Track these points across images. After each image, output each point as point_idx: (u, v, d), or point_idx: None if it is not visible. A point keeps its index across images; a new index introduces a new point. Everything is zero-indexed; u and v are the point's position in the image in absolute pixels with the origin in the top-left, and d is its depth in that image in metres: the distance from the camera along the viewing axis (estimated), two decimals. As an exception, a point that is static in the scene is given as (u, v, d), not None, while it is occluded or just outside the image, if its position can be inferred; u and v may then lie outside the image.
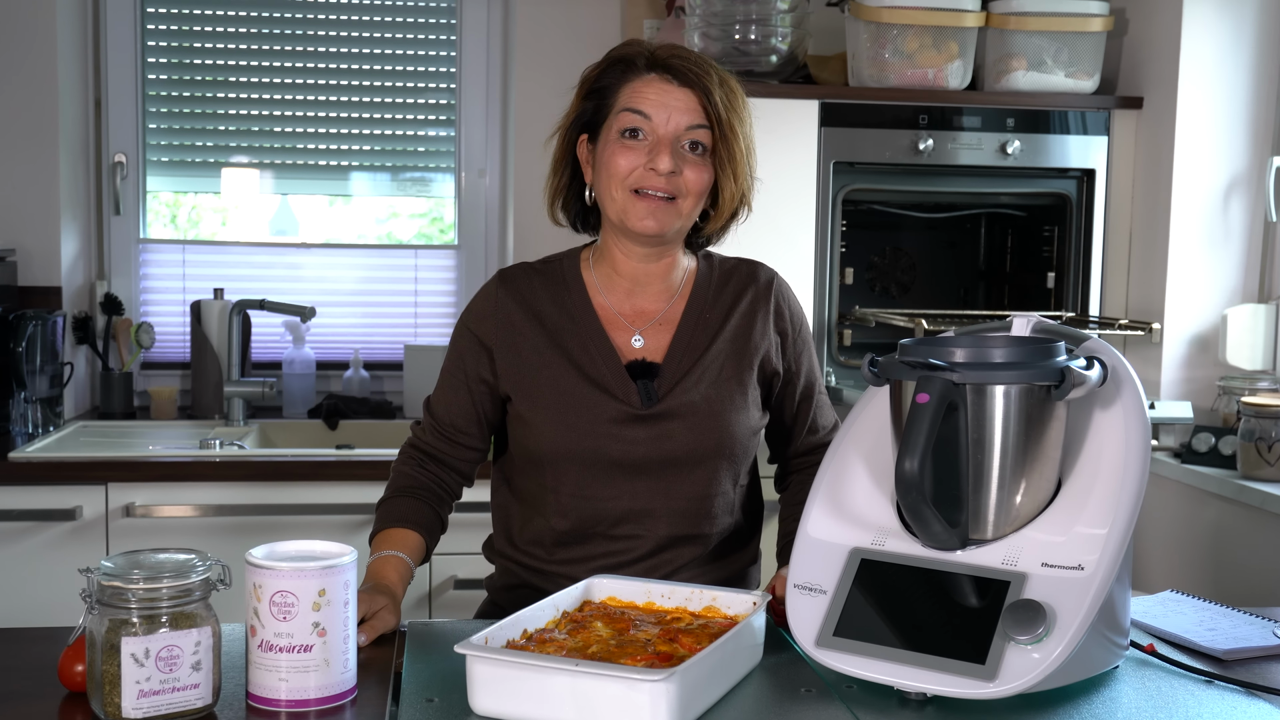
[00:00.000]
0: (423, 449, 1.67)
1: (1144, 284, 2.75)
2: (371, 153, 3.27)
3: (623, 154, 1.58)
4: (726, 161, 1.58)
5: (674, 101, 1.57)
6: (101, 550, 2.49)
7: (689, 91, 1.57)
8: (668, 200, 1.57)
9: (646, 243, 1.62)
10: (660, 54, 1.59)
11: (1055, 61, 2.72)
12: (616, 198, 1.59)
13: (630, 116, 1.58)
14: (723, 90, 1.58)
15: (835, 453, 1.41)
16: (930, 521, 1.25)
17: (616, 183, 1.58)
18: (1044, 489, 1.29)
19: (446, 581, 2.58)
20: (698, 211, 1.62)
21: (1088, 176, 2.77)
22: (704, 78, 1.57)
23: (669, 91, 1.58)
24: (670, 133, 1.57)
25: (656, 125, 1.57)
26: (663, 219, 1.58)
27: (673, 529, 1.60)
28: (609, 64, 1.62)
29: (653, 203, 1.57)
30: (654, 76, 1.59)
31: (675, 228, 1.60)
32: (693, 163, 1.58)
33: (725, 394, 1.61)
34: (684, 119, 1.57)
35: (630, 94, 1.59)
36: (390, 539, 1.57)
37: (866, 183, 2.73)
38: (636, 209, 1.58)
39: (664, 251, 1.65)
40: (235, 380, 2.95)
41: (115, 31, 3.13)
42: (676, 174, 1.56)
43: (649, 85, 1.59)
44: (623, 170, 1.57)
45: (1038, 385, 1.25)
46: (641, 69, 1.60)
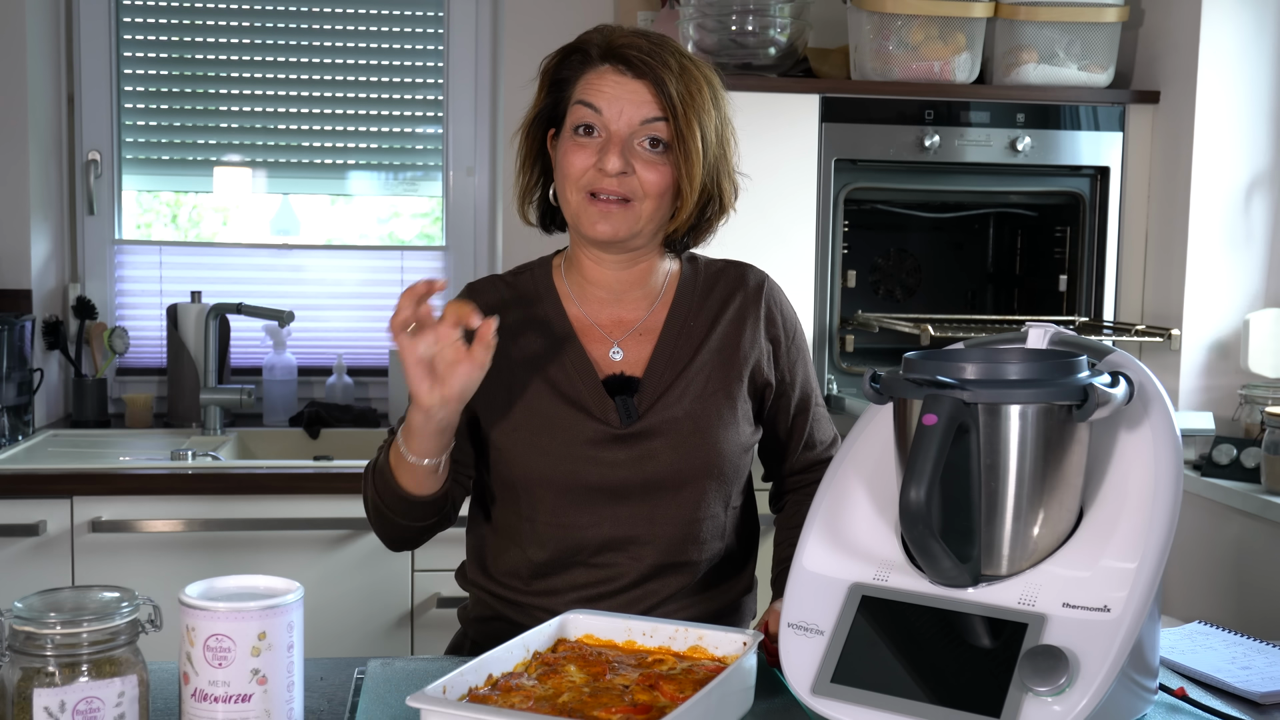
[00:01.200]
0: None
1: (1161, 287, 2.62)
2: (359, 150, 3.15)
3: (575, 153, 1.46)
4: (683, 159, 1.44)
5: (627, 94, 1.44)
6: (67, 568, 2.37)
7: (643, 83, 1.44)
8: (621, 203, 1.45)
9: (609, 249, 1.50)
10: (615, 41, 1.46)
11: (1068, 54, 2.59)
12: (571, 200, 1.47)
13: (582, 111, 1.46)
14: (682, 80, 1.44)
15: (834, 477, 1.29)
16: (939, 556, 1.13)
17: (570, 184, 1.46)
18: (1064, 519, 1.16)
19: (429, 600, 2.46)
20: (662, 214, 1.48)
21: (1102, 175, 2.65)
22: (658, 67, 1.44)
23: (622, 83, 1.45)
24: (623, 129, 1.44)
25: (608, 120, 1.44)
26: (617, 224, 1.45)
27: (659, 557, 1.48)
28: (566, 54, 1.50)
29: (605, 206, 1.45)
30: (607, 68, 1.46)
31: (633, 232, 1.47)
32: (648, 161, 1.44)
33: (712, 409, 1.49)
34: (638, 112, 1.44)
35: (584, 86, 1.47)
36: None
37: (869, 181, 2.61)
38: (589, 213, 1.46)
39: (637, 257, 1.52)
40: (212, 388, 2.83)
41: (88, 24, 3.01)
42: (629, 174, 1.44)
43: (602, 77, 1.46)
44: (575, 170, 1.45)
45: (1058, 405, 1.12)
46: (595, 59, 1.47)
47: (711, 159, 1.47)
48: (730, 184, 1.52)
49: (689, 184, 1.45)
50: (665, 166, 1.45)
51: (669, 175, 1.45)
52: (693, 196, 1.46)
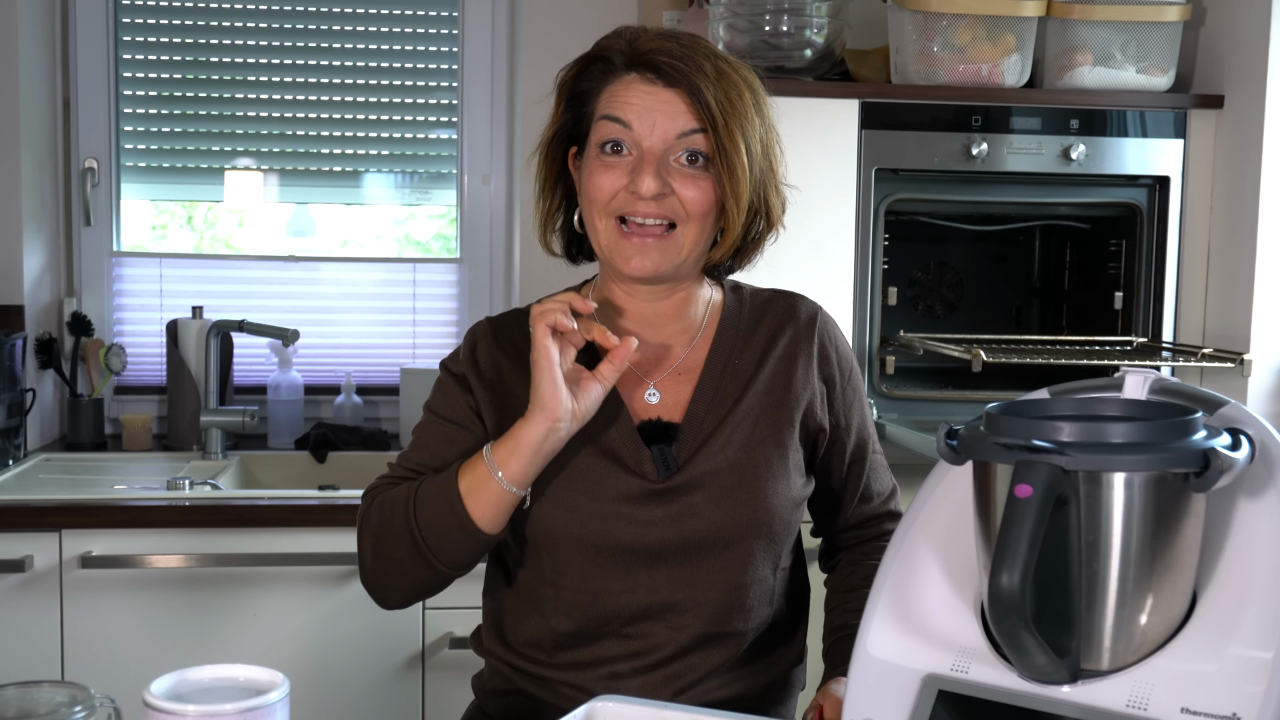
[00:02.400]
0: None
1: (1225, 306, 2.45)
2: (371, 157, 2.99)
3: (602, 173, 1.29)
4: (726, 175, 1.28)
5: (659, 105, 1.28)
6: (55, 606, 2.22)
7: (676, 92, 1.28)
8: (663, 230, 1.28)
9: (645, 283, 1.33)
10: (641, 47, 1.29)
11: (1125, 55, 2.42)
12: (600, 228, 1.31)
13: (609, 126, 1.29)
14: (720, 85, 1.28)
15: (900, 545, 1.12)
16: (1032, 651, 0.96)
17: (598, 209, 1.30)
18: (1177, 604, 1.00)
19: (440, 640, 2.30)
20: (707, 237, 1.32)
21: (1161, 184, 2.47)
22: (693, 73, 1.27)
23: (652, 94, 1.28)
24: (657, 144, 1.28)
25: (640, 136, 1.28)
26: (656, 259, 1.29)
27: (700, 627, 1.31)
28: (585, 63, 1.34)
29: (642, 240, 1.28)
30: (635, 76, 1.30)
31: (675, 265, 1.30)
32: (688, 177, 1.28)
33: (761, 459, 1.32)
34: (673, 125, 1.28)
35: (609, 99, 1.30)
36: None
37: (912, 192, 2.44)
38: (623, 249, 1.29)
39: (674, 287, 1.36)
40: (213, 409, 2.68)
41: (85, 26, 2.86)
42: (667, 194, 1.27)
43: (629, 88, 1.29)
44: (604, 194, 1.29)
45: (1172, 473, 0.96)
46: (620, 68, 1.30)
47: (758, 172, 1.31)
48: (778, 198, 1.35)
49: (735, 202, 1.28)
50: (707, 181, 1.29)
51: (712, 192, 1.29)
52: (740, 216, 1.29)
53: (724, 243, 1.33)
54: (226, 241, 3.03)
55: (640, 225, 1.29)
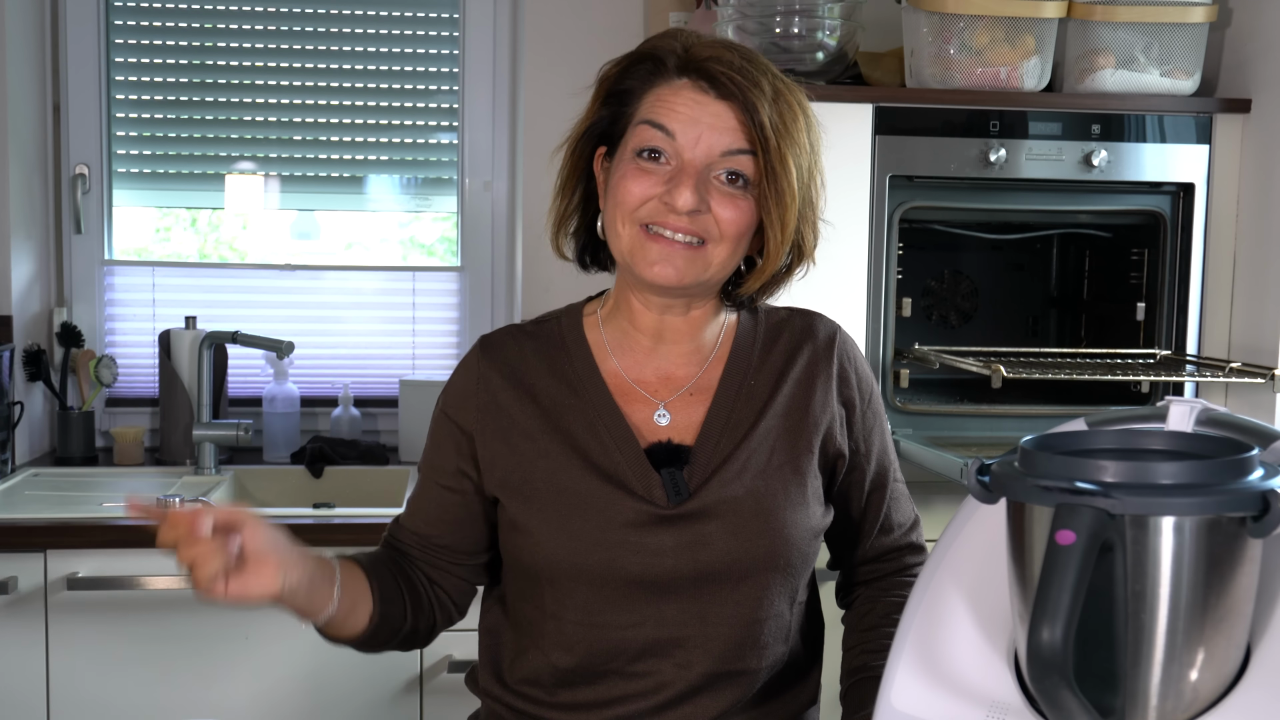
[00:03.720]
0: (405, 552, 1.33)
1: (1252, 317, 2.36)
2: (369, 163, 2.91)
3: (636, 179, 1.21)
4: (773, 202, 1.20)
5: (708, 117, 1.20)
6: (40, 629, 2.14)
7: (728, 105, 1.20)
8: (693, 246, 1.21)
9: (664, 292, 1.25)
10: (697, 53, 1.22)
11: (1148, 58, 2.33)
12: (623, 234, 1.23)
13: (650, 132, 1.21)
14: (775, 106, 1.20)
15: (927, 588, 1.04)
16: (1074, 711, 0.88)
17: (624, 214, 1.22)
18: (1231, 659, 0.92)
19: (440, 663, 2.23)
20: (736, 260, 1.25)
21: (1185, 191, 2.39)
22: (750, 89, 1.19)
23: (703, 104, 1.20)
24: (699, 158, 1.20)
25: (682, 147, 1.20)
26: (682, 268, 1.21)
27: (711, 665, 1.23)
28: (633, 61, 1.26)
29: (670, 246, 1.21)
30: (686, 83, 1.22)
31: (699, 280, 1.23)
32: (728, 198, 1.21)
33: (778, 486, 1.24)
34: (719, 141, 1.20)
35: (654, 103, 1.22)
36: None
37: (927, 200, 2.35)
38: (647, 252, 1.21)
39: (693, 302, 1.28)
40: (206, 423, 2.60)
41: (76, 30, 2.79)
42: (702, 212, 1.20)
43: (678, 94, 1.22)
44: (633, 199, 1.21)
45: (1228, 516, 0.88)
46: (671, 72, 1.23)
47: (801, 202, 1.23)
48: (812, 232, 1.28)
49: (780, 231, 1.21)
50: (746, 202, 1.21)
51: (750, 214, 1.21)
52: (784, 245, 1.22)
53: (761, 272, 1.26)
54: (231, 244, 2.96)
55: (670, 239, 1.21)
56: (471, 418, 1.29)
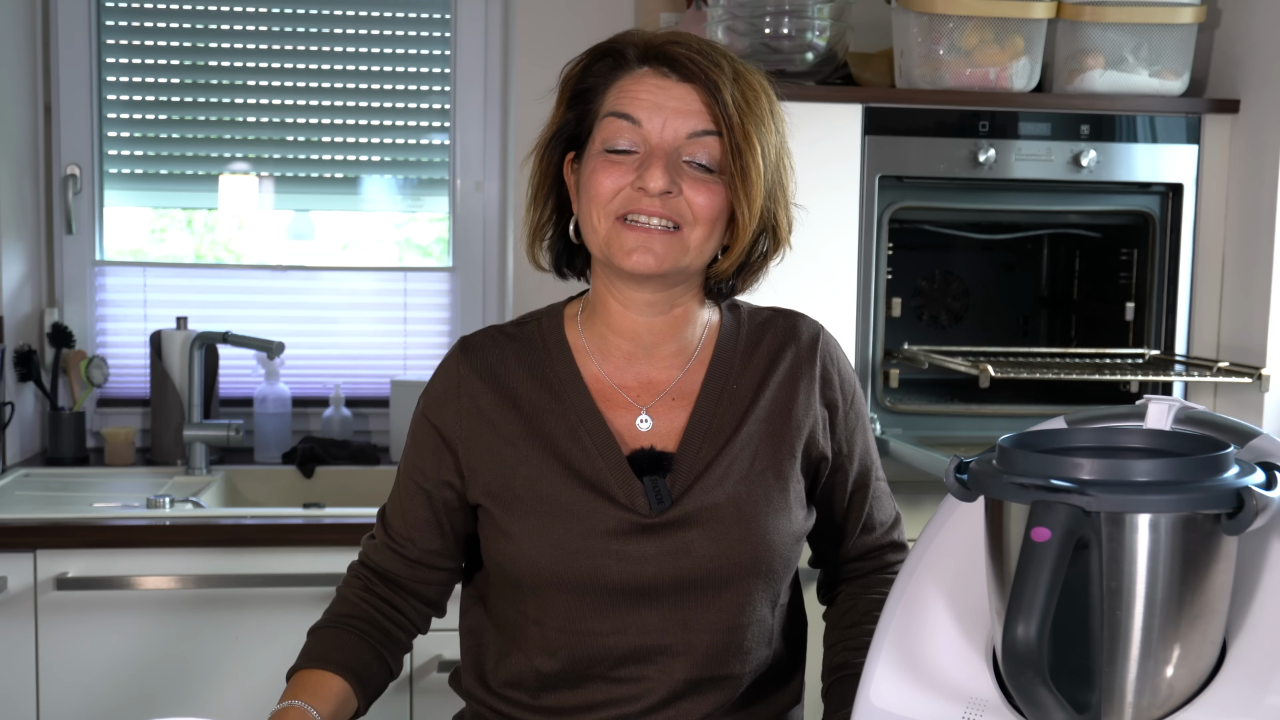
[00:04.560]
0: (372, 568, 1.32)
1: (1241, 318, 2.36)
2: (360, 163, 2.91)
3: (606, 171, 1.21)
4: (739, 180, 1.20)
5: (672, 101, 1.20)
6: (29, 630, 2.14)
7: (692, 87, 1.20)
8: (669, 230, 1.20)
9: (644, 285, 1.24)
10: (655, 41, 1.22)
11: (1137, 59, 2.34)
12: (599, 228, 1.22)
13: (615, 124, 1.21)
14: (737, 86, 1.20)
15: (906, 586, 1.05)
16: (1050, 707, 0.88)
17: (599, 207, 1.21)
18: (1206, 655, 0.92)
19: (429, 663, 2.23)
20: (712, 247, 1.24)
21: (1174, 192, 2.39)
22: (711, 70, 1.19)
23: (666, 88, 1.20)
24: (667, 141, 1.20)
25: (649, 133, 1.20)
26: (660, 254, 1.20)
27: (694, 670, 1.23)
28: (593, 58, 1.26)
29: (647, 233, 1.20)
30: (647, 71, 1.22)
31: (678, 266, 1.22)
32: (699, 182, 1.20)
33: (760, 492, 1.24)
34: (684, 124, 1.20)
35: (618, 94, 1.22)
36: (303, 685, 1.22)
37: (917, 200, 2.36)
38: (624, 241, 1.20)
39: (673, 298, 1.27)
40: (197, 423, 2.60)
41: (67, 30, 2.78)
42: (674, 194, 1.19)
43: (640, 82, 1.22)
44: (606, 191, 1.20)
45: (1203, 514, 0.88)
46: (632, 62, 1.23)
47: (769, 182, 1.23)
48: (785, 215, 1.27)
49: (748, 209, 1.20)
50: (718, 186, 1.21)
51: (722, 197, 1.21)
52: (751, 223, 1.21)
53: (731, 254, 1.24)
54: (226, 245, 2.96)
55: (645, 225, 1.21)
56: (453, 423, 1.28)
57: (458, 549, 1.33)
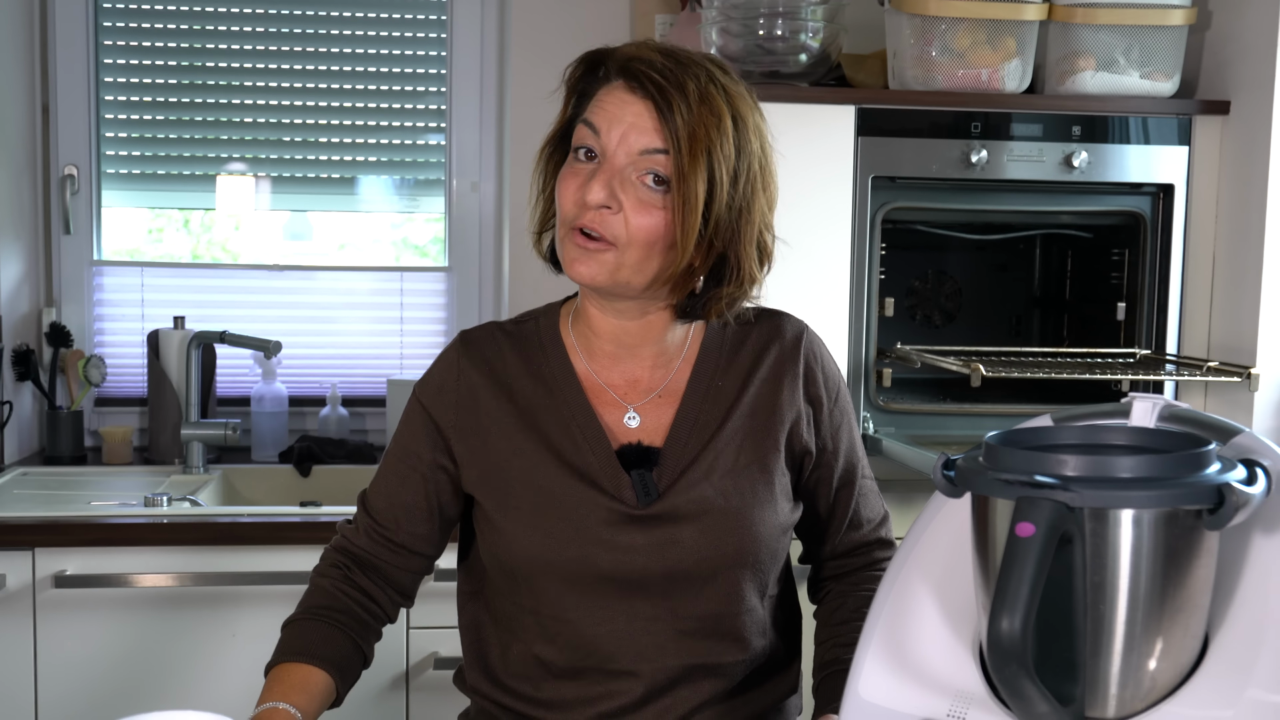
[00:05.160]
0: (352, 553, 1.33)
1: (1231, 318, 2.38)
2: (357, 164, 2.93)
3: (568, 179, 1.23)
4: (679, 201, 1.19)
5: (630, 116, 1.21)
6: (28, 627, 2.15)
7: (648, 105, 1.20)
8: (602, 247, 1.21)
9: (599, 294, 1.27)
10: (627, 53, 1.23)
11: (1128, 60, 2.36)
12: (559, 234, 1.25)
13: (583, 131, 1.24)
14: (699, 108, 1.19)
15: (895, 581, 1.06)
16: (1034, 699, 0.90)
17: (560, 215, 1.24)
18: (1188, 648, 0.94)
19: (426, 660, 2.24)
20: (653, 267, 1.23)
21: (1165, 193, 2.41)
22: (669, 90, 1.19)
23: (627, 103, 1.22)
24: (620, 157, 1.21)
25: (606, 145, 1.22)
26: (594, 267, 1.21)
27: (686, 658, 1.26)
28: (586, 66, 1.28)
29: (585, 244, 1.21)
30: (619, 84, 1.23)
31: (614, 281, 1.23)
32: (641, 201, 1.20)
33: (745, 485, 1.27)
34: (639, 140, 1.21)
35: (593, 104, 1.25)
36: (284, 680, 1.23)
37: (909, 200, 2.37)
38: (569, 249, 1.23)
39: (643, 307, 1.28)
40: (194, 422, 2.62)
41: (65, 31, 2.80)
42: (614, 210, 1.20)
43: (610, 94, 1.23)
44: (566, 201, 1.23)
45: (1184, 510, 0.90)
46: (611, 74, 1.24)
47: (724, 211, 1.21)
48: (753, 249, 1.25)
49: (681, 235, 1.20)
50: (663, 211, 1.20)
51: (666, 221, 1.21)
52: (685, 252, 1.20)
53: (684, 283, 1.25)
54: (224, 245, 2.98)
55: (585, 237, 1.22)
56: (449, 414, 1.30)
57: (441, 537, 1.35)
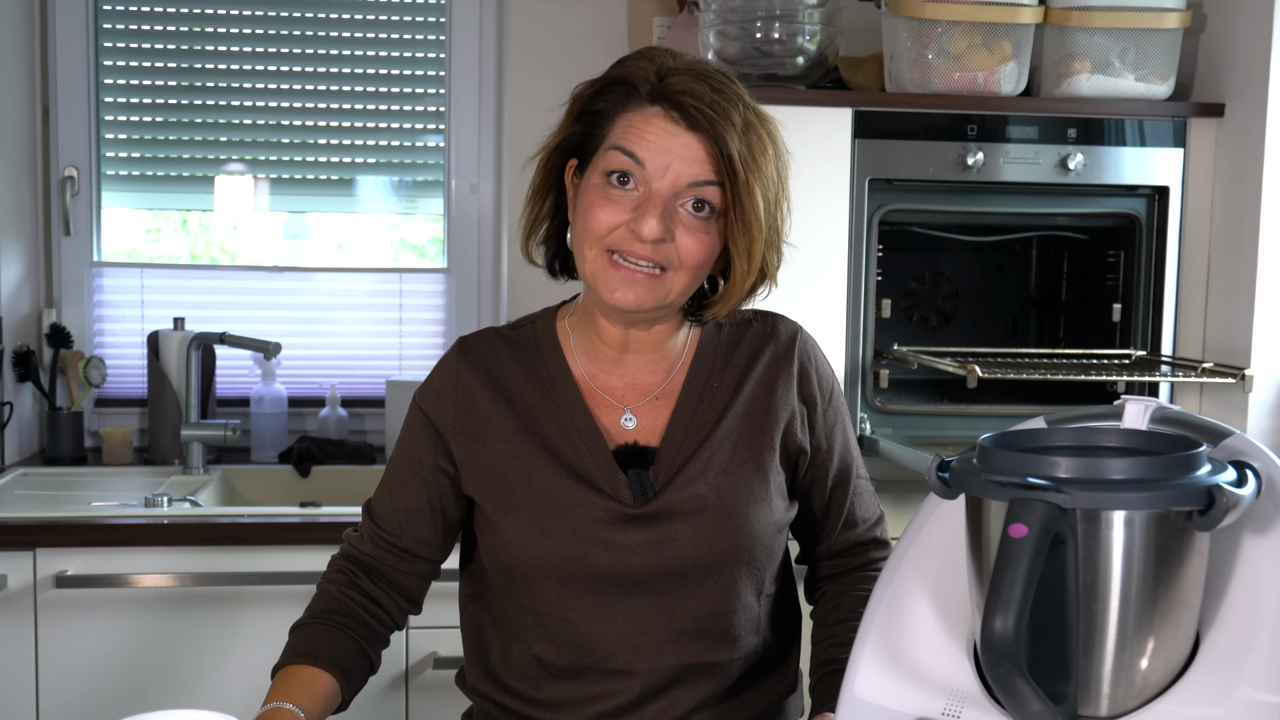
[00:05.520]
0: (358, 560, 1.35)
1: (1225, 319, 2.40)
2: (356, 165, 2.94)
3: (603, 205, 1.23)
4: (739, 232, 1.23)
5: (678, 148, 1.22)
6: (29, 627, 2.16)
7: (698, 137, 1.22)
8: (654, 274, 1.23)
9: (626, 316, 1.29)
10: (672, 85, 1.23)
11: (1123, 63, 2.37)
12: (589, 256, 1.25)
13: (620, 158, 1.23)
14: (745, 139, 1.22)
15: (890, 581, 1.08)
16: (1027, 698, 0.91)
17: (591, 240, 1.24)
18: (1179, 647, 0.95)
19: (425, 660, 2.25)
20: (695, 286, 1.27)
21: (1160, 194, 2.42)
22: (720, 122, 1.21)
23: (673, 134, 1.22)
24: (667, 188, 1.22)
25: (651, 175, 1.22)
26: (642, 294, 1.24)
27: (684, 657, 1.27)
28: (607, 84, 1.27)
29: (631, 273, 1.23)
30: (658, 111, 1.23)
31: (660, 305, 1.26)
32: (692, 228, 1.23)
33: (740, 483, 1.28)
34: (688, 172, 1.22)
35: (625, 128, 1.24)
36: (289, 681, 1.25)
37: (906, 203, 2.38)
38: (609, 278, 1.24)
39: (655, 319, 1.32)
40: (194, 423, 2.63)
41: (65, 33, 2.81)
42: (666, 241, 1.22)
43: (649, 122, 1.23)
44: (601, 226, 1.23)
45: (1175, 511, 0.91)
46: (644, 99, 1.24)
47: (766, 229, 1.26)
48: (776, 255, 1.31)
49: (747, 261, 1.24)
50: (708, 236, 1.24)
51: (711, 245, 1.24)
52: (751, 275, 1.25)
53: (725, 298, 1.29)
54: (221, 245, 2.99)
55: (631, 264, 1.24)
56: (449, 418, 1.32)
57: (446, 541, 1.36)
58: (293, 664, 1.27)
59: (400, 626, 1.38)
